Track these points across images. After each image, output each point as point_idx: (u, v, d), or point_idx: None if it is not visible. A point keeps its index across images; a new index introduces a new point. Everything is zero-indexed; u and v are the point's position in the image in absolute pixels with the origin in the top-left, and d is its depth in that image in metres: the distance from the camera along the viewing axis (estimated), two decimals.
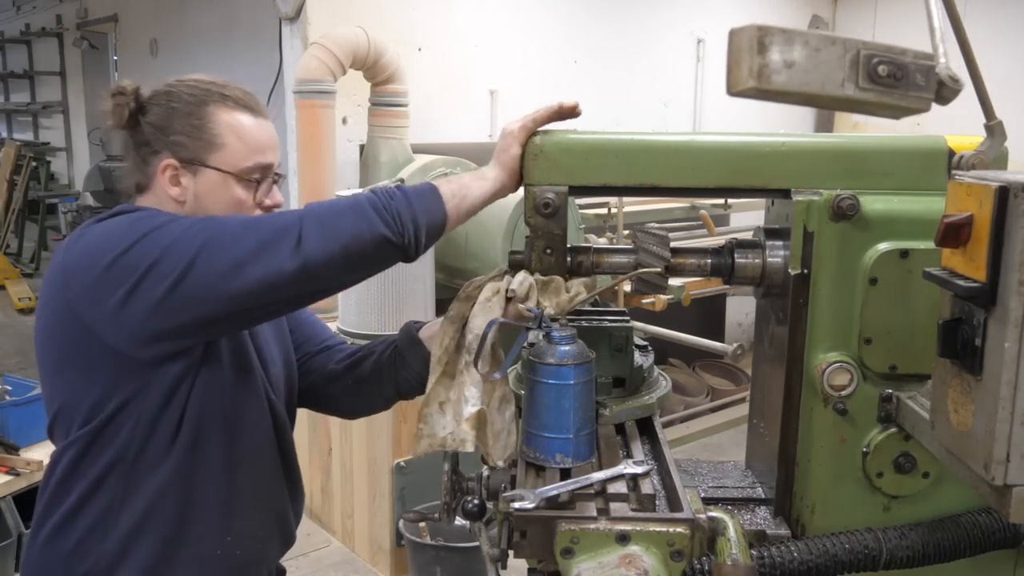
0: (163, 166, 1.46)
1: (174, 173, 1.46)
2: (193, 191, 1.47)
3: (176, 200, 1.47)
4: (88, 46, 10.26)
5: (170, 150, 1.46)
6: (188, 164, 1.46)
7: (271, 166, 1.51)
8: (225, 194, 1.47)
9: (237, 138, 1.47)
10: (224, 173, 1.46)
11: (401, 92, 4.59)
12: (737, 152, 1.28)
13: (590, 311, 1.54)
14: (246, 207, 1.48)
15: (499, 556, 1.22)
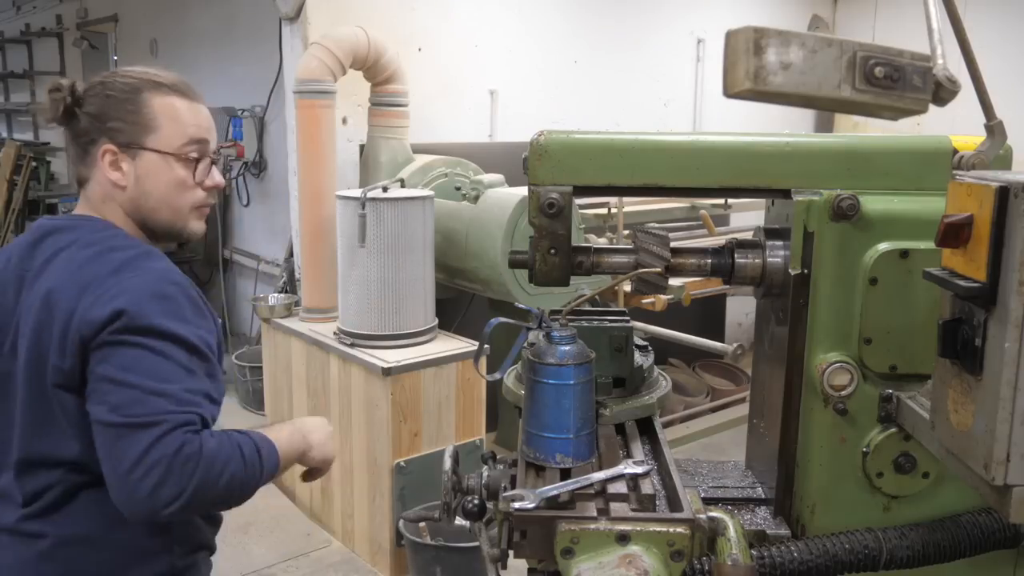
0: (102, 152, 1.50)
1: (113, 158, 1.51)
2: (134, 175, 1.51)
3: (117, 185, 1.51)
4: (88, 46, 10.25)
5: (108, 136, 1.50)
6: (126, 148, 1.50)
7: (206, 142, 1.55)
8: (165, 174, 1.52)
9: (171, 119, 1.52)
10: (162, 154, 1.51)
11: (401, 92, 4.59)
12: (740, 152, 1.28)
13: (590, 311, 1.54)
14: (187, 186, 1.54)
15: (499, 556, 1.22)
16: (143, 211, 1.54)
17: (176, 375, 1.36)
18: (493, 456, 1.40)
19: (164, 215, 1.55)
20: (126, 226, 1.54)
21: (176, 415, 1.32)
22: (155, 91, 1.52)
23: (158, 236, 1.58)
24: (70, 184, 11.47)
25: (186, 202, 1.55)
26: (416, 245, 3.66)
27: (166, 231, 1.57)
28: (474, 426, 3.87)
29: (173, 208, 1.55)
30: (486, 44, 5.54)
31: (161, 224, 1.56)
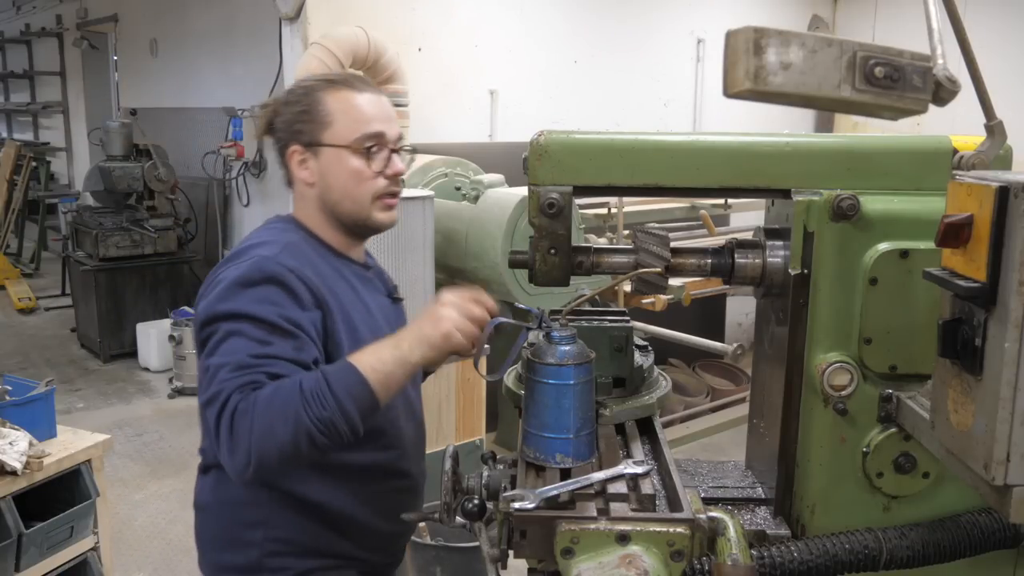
0: (291, 153, 1.62)
1: (301, 159, 1.61)
2: (318, 171, 1.60)
3: (307, 183, 1.62)
4: (88, 46, 10.24)
5: (294, 139, 1.61)
6: (309, 147, 1.60)
7: (382, 135, 1.60)
8: (343, 167, 1.59)
9: (343, 113, 1.59)
10: (337, 148, 1.58)
11: (401, 92, 4.59)
12: (741, 152, 1.28)
13: (590, 311, 1.54)
14: (365, 176, 1.59)
15: (499, 556, 1.22)
16: (330, 205, 1.62)
17: (245, 347, 1.38)
18: (493, 456, 1.40)
19: (347, 207, 1.61)
20: (319, 222, 1.63)
21: (232, 380, 1.35)
22: (328, 89, 1.60)
23: (350, 228, 1.65)
24: (70, 184, 11.48)
25: (366, 192, 1.60)
26: (416, 245, 3.66)
27: (353, 222, 1.63)
28: (474, 426, 3.87)
29: (353, 199, 1.60)
30: (486, 44, 5.54)
31: (347, 216, 1.62)
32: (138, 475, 4.72)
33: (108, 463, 3.10)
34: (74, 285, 7.27)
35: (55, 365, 6.68)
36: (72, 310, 7.42)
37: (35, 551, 2.72)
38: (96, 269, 6.53)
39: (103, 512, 2.99)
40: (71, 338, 7.33)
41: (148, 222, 6.84)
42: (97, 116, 10.05)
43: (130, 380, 6.32)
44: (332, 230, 1.66)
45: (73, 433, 2.97)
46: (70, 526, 2.85)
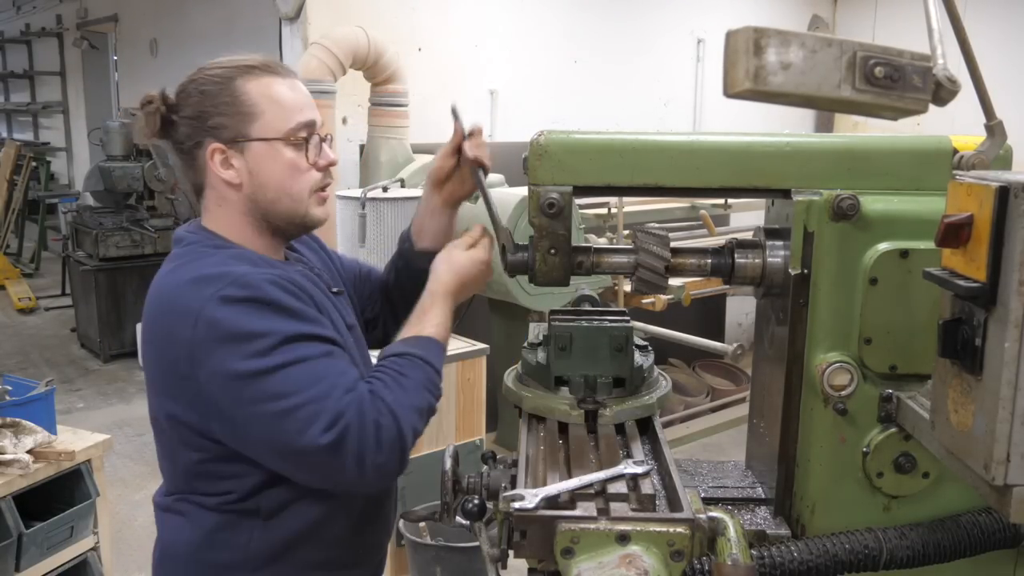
0: (210, 152, 1.43)
1: (223, 156, 1.43)
2: (246, 169, 1.44)
3: (231, 184, 1.44)
4: (88, 46, 10.25)
5: (212, 135, 1.43)
6: (233, 143, 1.43)
7: (313, 123, 1.48)
8: (278, 162, 1.44)
9: (272, 102, 1.44)
10: (270, 141, 1.43)
11: (401, 92, 4.59)
12: (741, 152, 1.28)
13: (590, 311, 1.54)
14: (302, 169, 1.46)
15: (499, 556, 1.22)
16: (262, 205, 1.46)
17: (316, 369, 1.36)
18: (493, 456, 1.40)
19: (284, 205, 1.47)
20: (244, 227, 1.48)
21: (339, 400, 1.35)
22: (248, 76, 1.44)
23: (282, 230, 1.51)
24: (70, 184, 11.48)
25: (303, 187, 1.47)
26: None
27: (288, 222, 1.49)
28: (474, 426, 3.87)
29: (291, 196, 1.46)
30: (486, 44, 5.54)
31: (282, 215, 1.48)
32: (138, 475, 4.72)
33: (108, 463, 3.10)
34: (74, 285, 7.27)
35: (55, 365, 6.68)
36: (72, 310, 7.42)
37: (35, 551, 2.72)
38: (96, 269, 6.53)
39: (103, 512, 3.00)
40: (71, 338, 7.33)
41: (148, 222, 6.85)
42: (97, 116, 10.06)
43: (130, 380, 6.32)
44: (257, 236, 1.49)
45: (73, 433, 2.97)
46: (70, 526, 2.86)
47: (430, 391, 1.41)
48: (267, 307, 1.33)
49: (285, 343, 1.31)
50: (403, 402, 1.35)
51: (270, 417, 1.30)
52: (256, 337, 1.30)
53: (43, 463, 2.74)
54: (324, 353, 1.35)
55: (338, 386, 1.32)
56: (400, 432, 1.34)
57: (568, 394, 1.41)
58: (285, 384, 1.30)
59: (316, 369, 1.32)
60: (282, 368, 1.30)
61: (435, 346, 1.45)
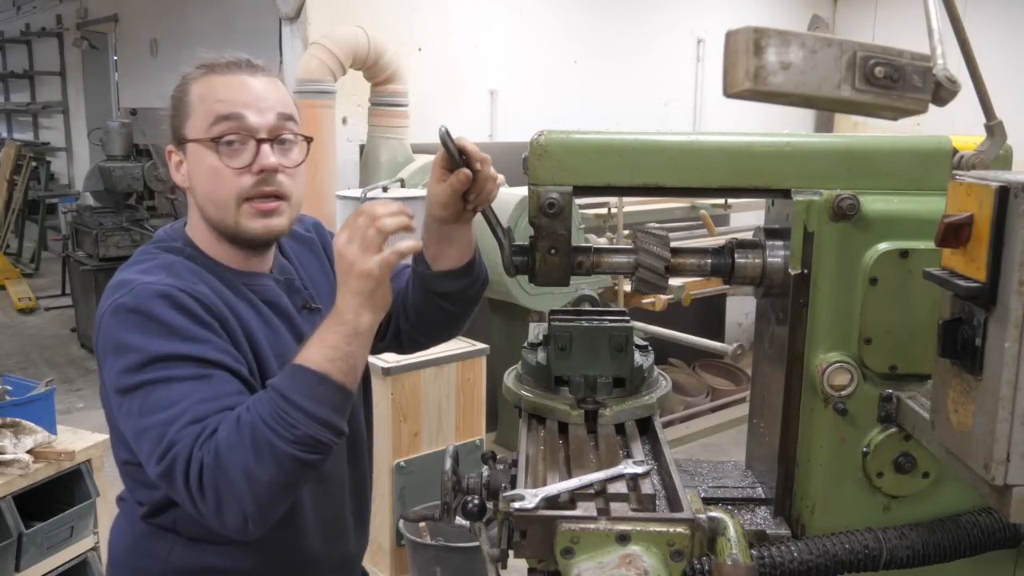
0: (167, 154, 1.41)
1: (177, 160, 1.40)
2: (187, 171, 1.38)
3: (184, 187, 1.41)
4: (88, 46, 10.26)
5: (170, 138, 1.40)
6: (178, 144, 1.39)
7: (239, 118, 1.33)
8: (202, 165, 1.34)
9: (201, 100, 1.34)
10: (196, 142, 1.34)
11: (401, 92, 4.60)
12: (741, 152, 1.28)
13: (590, 311, 1.54)
14: (224, 175, 1.33)
15: (499, 556, 1.21)
16: (201, 211, 1.39)
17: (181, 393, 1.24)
18: (493, 456, 1.39)
19: (211, 213, 1.37)
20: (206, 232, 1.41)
21: (184, 433, 1.22)
22: (196, 75, 1.37)
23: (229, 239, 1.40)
24: (70, 184, 11.48)
25: (226, 193, 1.34)
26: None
27: (223, 231, 1.38)
28: (474, 426, 3.87)
29: (215, 203, 1.35)
30: (486, 44, 5.55)
31: (215, 224, 1.38)
32: None
33: (108, 463, 3.09)
34: (74, 285, 7.27)
35: (55, 365, 6.68)
36: (72, 310, 7.42)
37: (35, 551, 2.72)
38: (96, 269, 6.53)
39: (103, 512, 2.99)
40: (71, 338, 7.33)
41: (148, 222, 6.86)
42: (97, 116, 10.06)
43: None
44: (216, 242, 1.40)
45: (73, 433, 2.98)
46: (70, 526, 2.86)
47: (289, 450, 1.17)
48: (148, 321, 1.25)
49: (153, 362, 1.23)
50: (235, 446, 1.17)
51: (132, 434, 1.27)
52: (129, 351, 1.25)
53: (43, 463, 2.74)
54: (194, 376, 1.23)
55: (185, 413, 1.20)
56: (223, 482, 1.16)
57: (568, 394, 1.41)
58: (143, 404, 1.23)
59: (172, 393, 1.21)
60: (143, 387, 1.23)
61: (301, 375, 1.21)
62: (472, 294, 1.59)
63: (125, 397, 1.25)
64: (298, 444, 1.17)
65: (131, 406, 1.25)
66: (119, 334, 1.27)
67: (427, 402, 3.64)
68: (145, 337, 1.25)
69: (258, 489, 1.17)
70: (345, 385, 1.22)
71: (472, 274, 1.56)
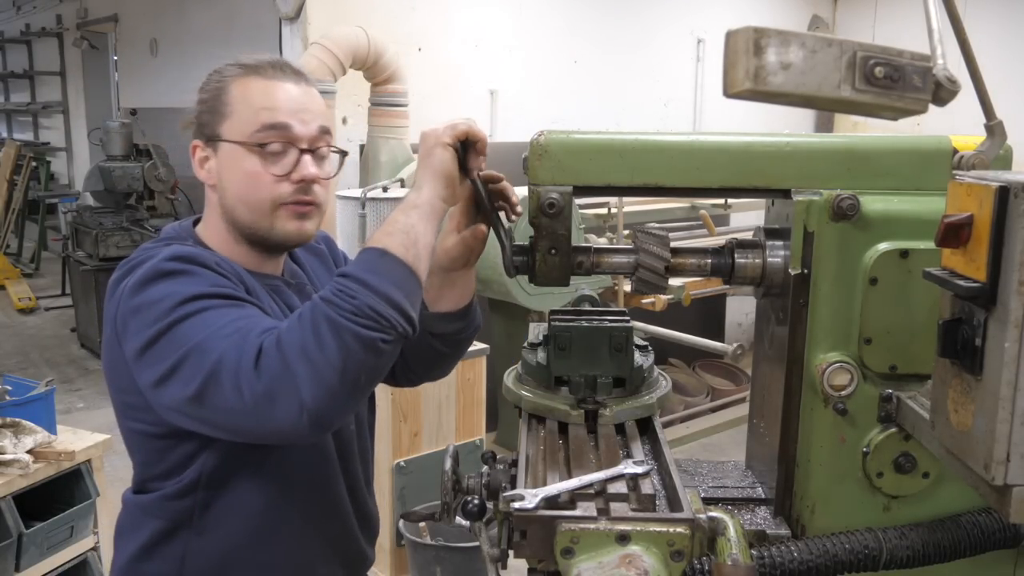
0: (192, 149, 1.41)
1: (203, 155, 1.39)
2: (216, 170, 1.38)
3: (209, 184, 1.40)
4: (88, 46, 10.25)
5: (197, 132, 1.40)
6: (209, 142, 1.38)
7: (286, 127, 1.35)
8: (239, 167, 1.35)
9: (245, 103, 1.35)
10: (234, 143, 1.35)
11: (401, 92, 4.60)
12: (741, 152, 1.28)
13: (590, 311, 1.54)
14: (263, 180, 1.34)
15: (499, 556, 1.22)
16: (227, 211, 1.39)
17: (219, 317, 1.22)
18: (493, 456, 1.39)
19: (242, 214, 1.37)
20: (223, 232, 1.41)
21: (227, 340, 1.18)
22: (236, 74, 1.37)
23: (253, 241, 1.40)
24: (70, 184, 11.48)
25: (263, 197, 1.35)
26: None
27: (251, 234, 1.39)
28: (474, 426, 3.87)
29: (249, 205, 1.36)
30: (486, 44, 5.55)
31: (244, 225, 1.38)
32: None
33: (108, 463, 3.10)
34: (74, 285, 7.28)
35: (55, 365, 6.69)
36: (72, 310, 7.43)
37: (35, 551, 2.72)
38: (96, 269, 6.53)
39: (103, 512, 3.00)
40: (71, 338, 7.33)
41: (148, 222, 6.85)
42: (97, 116, 10.06)
43: None
44: (234, 243, 1.41)
45: (73, 433, 2.98)
46: (70, 526, 2.86)
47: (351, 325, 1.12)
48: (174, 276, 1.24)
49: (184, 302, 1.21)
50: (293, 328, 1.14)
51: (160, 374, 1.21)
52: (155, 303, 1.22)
53: (43, 463, 2.74)
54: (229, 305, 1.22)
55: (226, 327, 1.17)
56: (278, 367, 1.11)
57: (568, 394, 1.41)
58: (173, 338, 1.19)
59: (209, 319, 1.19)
60: (174, 325, 1.20)
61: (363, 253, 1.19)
62: (465, 337, 1.61)
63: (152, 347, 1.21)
64: (357, 316, 1.12)
65: (160, 350, 1.20)
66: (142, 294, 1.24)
67: (427, 402, 3.64)
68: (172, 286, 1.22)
69: (317, 372, 1.10)
70: (405, 261, 1.18)
71: (468, 317, 1.58)
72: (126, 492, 1.54)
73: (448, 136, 1.25)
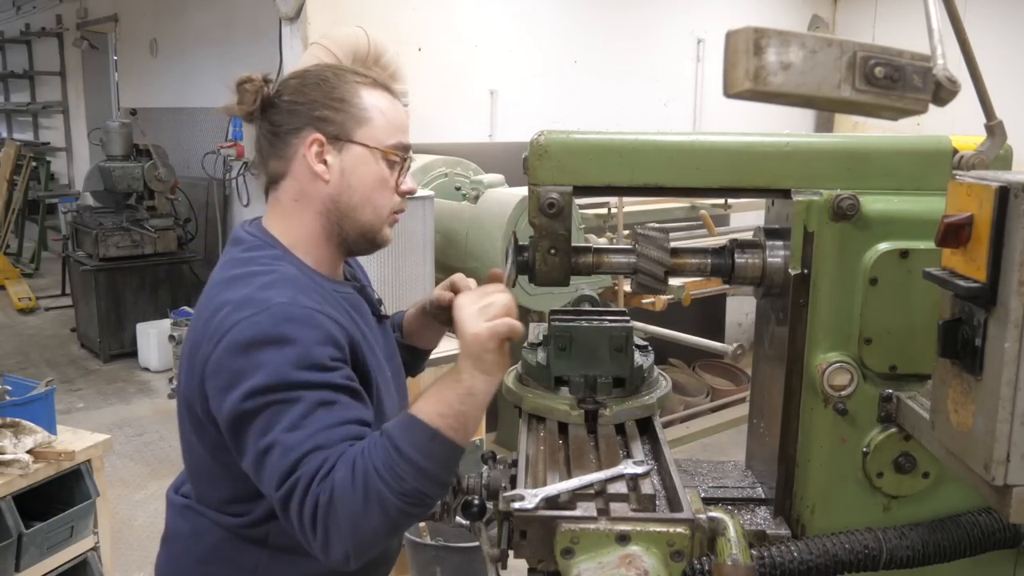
0: (309, 142, 1.42)
1: (320, 149, 1.42)
2: (339, 168, 1.42)
3: (320, 177, 1.42)
4: (88, 46, 10.24)
5: (315, 126, 1.42)
6: (335, 140, 1.42)
7: (409, 147, 1.49)
8: (371, 171, 1.44)
9: (381, 114, 1.45)
10: (371, 149, 1.43)
11: (401, 92, 4.59)
12: (741, 152, 1.28)
13: (590, 311, 1.54)
14: (388, 187, 1.46)
15: (499, 556, 1.22)
16: (343, 208, 1.44)
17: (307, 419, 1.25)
18: (493, 456, 1.40)
19: (365, 214, 1.45)
20: (314, 229, 1.45)
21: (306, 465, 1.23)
22: (364, 82, 1.46)
23: (350, 243, 1.47)
24: (70, 184, 11.47)
25: (386, 203, 1.46)
26: (416, 245, 3.66)
27: (360, 235, 1.46)
28: None
29: (374, 207, 1.45)
30: (486, 44, 5.55)
31: (359, 225, 1.45)
32: (138, 475, 4.72)
33: (108, 463, 3.10)
34: (74, 285, 7.28)
35: (55, 365, 6.69)
36: (72, 310, 7.42)
37: (35, 551, 2.72)
38: (96, 269, 6.53)
39: (103, 512, 3.00)
40: (71, 338, 7.33)
41: (148, 222, 6.85)
42: (97, 116, 10.05)
43: (130, 380, 6.32)
44: (325, 244, 1.46)
45: (73, 433, 2.98)
46: (70, 526, 2.86)
47: (396, 502, 1.21)
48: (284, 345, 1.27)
49: (285, 388, 1.25)
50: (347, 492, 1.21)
51: (254, 453, 1.27)
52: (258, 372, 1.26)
53: (43, 463, 2.74)
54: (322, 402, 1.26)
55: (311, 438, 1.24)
56: (333, 522, 1.21)
57: (568, 394, 1.41)
58: (268, 422, 1.25)
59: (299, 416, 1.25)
60: (271, 406, 1.25)
61: (415, 427, 1.24)
62: (413, 374, 1.78)
63: (251, 418, 1.26)
64: (406, 496, 1.21)
65: (254, 426, 1.26)
66: (249, 356, 1.27)
67: None
68: (280, 360, 1.26)
69: (363, 536, 1.22)
70: (456, 442, 1.24)
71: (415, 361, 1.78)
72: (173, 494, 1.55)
73: (494, 343, 1.26)
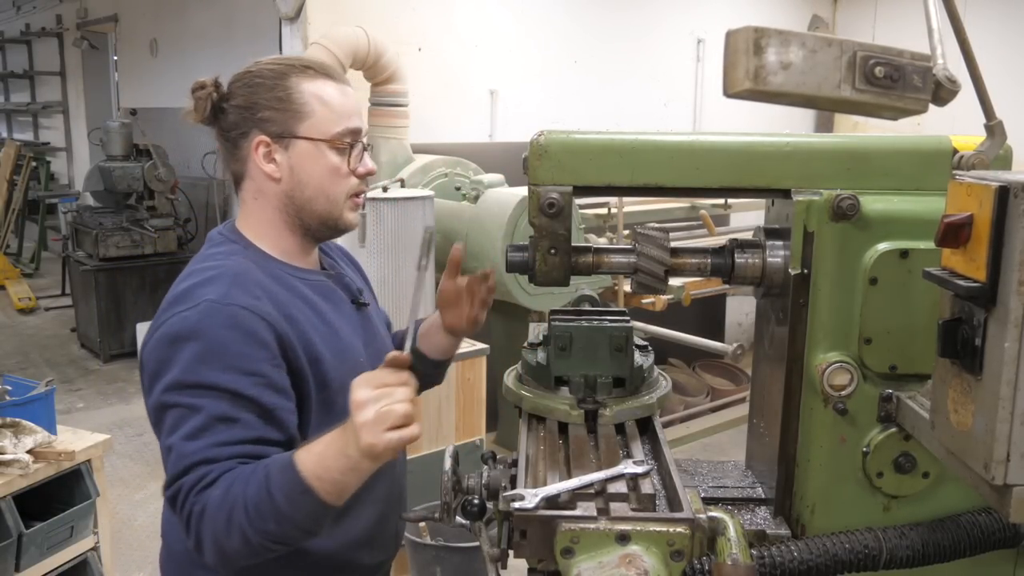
0: (255, 144, 1.46)
1: (267, 150, 1.46)
2: (288, 165, 1.46)
3: (271, 177, 1.47)
4: (88, 46, 10.25)
5: (259, 128, 1.46)
6: (279, 138, 1.46)
7: (359, 131, 1.51)
8: (320, 163, 1.47)
9: (323, 104, 1.46)
10: (315, 141, 1.46)
11: (401, 92, 4.60)
12: (741, 152, 1.28)
13: (590, 311, 1.54)
14: (341, 174, 1.48)
15: (499, 556, 1.22)
16: (298, 203, 1.49)
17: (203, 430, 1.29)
18: (493, 456, 1.40)
19: (320, 205, 1.49)
20: (274, 226, 1.50)
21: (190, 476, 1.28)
22: (302, 75, 1.47)
23: (313, 231, 1.53)
24: (70, 184, 11.48)
25: (341, 190, 1.50)
26: (416, 245, 3.66)
27: (321, 223, 1.51)
28: (474, 426, 3.87)
29: (328, 197, 1.49)
30: (486, 44, 5.55)
31: (317, 215, 1.50)
32: (138, 475, 4.72)
33: (108, 463, 3.10)
34: (74, 285, 7.28)
35: (55, 365, 6.69)
36: (72, 310, 7.42)
37: (35, 551, 2.72)
38: (96, 269, 6.54)
39: (103, 512, 3.00)
40: (71, 338, 7.33)
41: (148, 222, 6.85)
42: (97, 116, 10.05)
43: (130, 380, 6.32)
44: (289, 235, 1.51)
45: (73, 433, 2.97)
46: (70, 526, 2.86)
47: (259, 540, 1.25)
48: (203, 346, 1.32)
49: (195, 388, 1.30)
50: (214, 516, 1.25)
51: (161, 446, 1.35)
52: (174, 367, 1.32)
53: (43, 463, 2.74)
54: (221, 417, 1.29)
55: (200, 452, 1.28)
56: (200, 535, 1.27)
57: (568, 394, 1.41)
58: (174, 424, 1.31)
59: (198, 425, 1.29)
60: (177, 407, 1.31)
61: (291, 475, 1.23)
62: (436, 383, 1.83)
63: (163, 412, 1.34)
64: (265, 535, 1.25)
65: (165, 422, 1.33)
66: (172, 350, 1.33)
67: (427, 402, 3.64)
68: (192, 358, 1.32)
69: (226, 554, 1.28)
70: (327, 502, 1.24)
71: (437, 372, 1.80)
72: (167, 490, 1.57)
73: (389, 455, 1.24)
